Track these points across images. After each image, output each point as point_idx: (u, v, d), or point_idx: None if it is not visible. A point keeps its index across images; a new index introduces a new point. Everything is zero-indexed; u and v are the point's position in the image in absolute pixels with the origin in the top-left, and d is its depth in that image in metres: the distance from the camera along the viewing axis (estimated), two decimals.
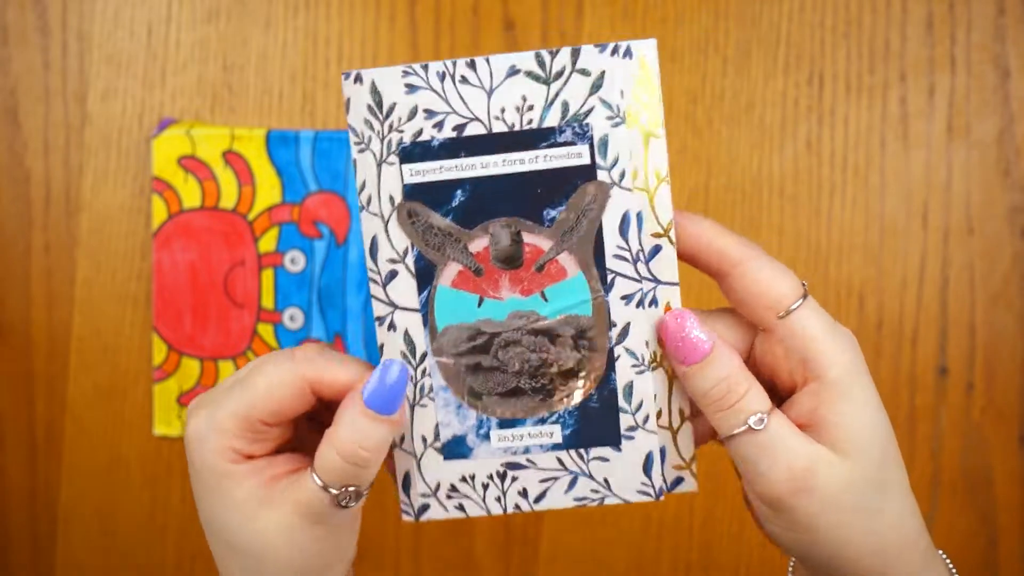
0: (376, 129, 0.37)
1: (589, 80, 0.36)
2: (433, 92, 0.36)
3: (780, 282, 0.37)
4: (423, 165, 0.36)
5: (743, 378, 0.36)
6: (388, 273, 0.37)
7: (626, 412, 0.37)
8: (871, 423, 0.36)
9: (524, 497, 0.38)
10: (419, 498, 0.38)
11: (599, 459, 0.38)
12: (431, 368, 0.38)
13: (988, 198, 0.67)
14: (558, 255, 0.37)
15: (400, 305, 0.38)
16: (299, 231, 0.72)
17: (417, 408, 0.38)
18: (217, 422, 0.37)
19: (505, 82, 0.36)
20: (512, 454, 0.38)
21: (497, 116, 0.36)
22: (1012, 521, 0.68)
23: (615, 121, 0.36)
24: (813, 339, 0.36)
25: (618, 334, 0.37)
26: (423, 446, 0.38)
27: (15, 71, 0.75)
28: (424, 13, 0.72)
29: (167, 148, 0.72)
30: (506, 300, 0.37)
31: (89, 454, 0.76)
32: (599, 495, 0.38)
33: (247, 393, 0.36)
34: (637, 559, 0.71)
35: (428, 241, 0.37)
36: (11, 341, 0.76)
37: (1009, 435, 0.68)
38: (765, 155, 0.69)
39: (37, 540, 0.77)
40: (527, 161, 0.36)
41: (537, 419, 0.37)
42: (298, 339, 0.72)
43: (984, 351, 0.68)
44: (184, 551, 0.75)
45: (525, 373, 0.37)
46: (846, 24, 0.68)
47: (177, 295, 0.73)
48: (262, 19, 0.73)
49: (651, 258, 0.37)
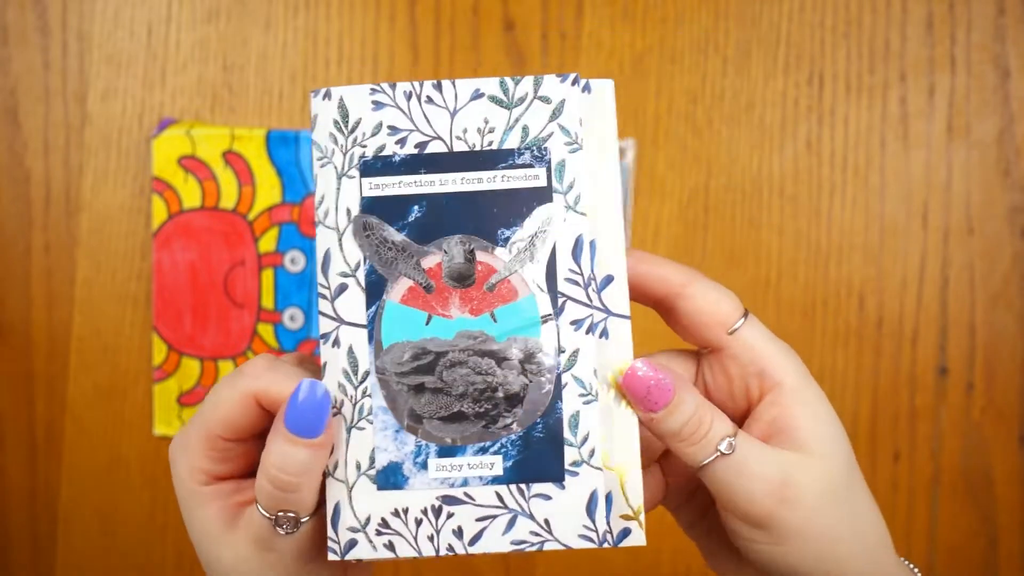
0: (340, 143, 0.37)
1: (550, 107, 0.37)
2: (398, 110, 0.37)
3: (723, 300, 0.38)
4: (383, 179, 0.37)
5: (707, 408, 0.36)
6: (338, 287, 0.37)
7: (571, 445, 0.36)
8: (831, 423, 0.37)
9: (459, 537, 0.36)
10: (347, 532, 0.36)
11: (541, 496, 0.36)
12: (372, 388, 0.37)
13: (988, 198, 0.67)
14: (510, 275, 0.37)
15: (347, 320, 0.37)
16: (299, 231, 0.72)
17: (354, 431, 0.37)
18: (184, 443, 0.37)
19: (469, 104, 0.37)
20: (449, 486, 0.36)
21: (459, 136, 0.37)
22: (1012, 521, 0.68)
23: (573, 147, 0.37)
24: (764, 350, 0.37)
25: (567, 360, 0.36)
26: (356, 473, 0.36)
27: (15, 71, 0.75)
28: (424, 13, 0.72)
29: (167, 148, 0.72)
30: (455, 319, 0.37)
31: (89, 454, 0.76)
32: (539, 539, 0.37)
33: (205, 412, 0.37)
34: (637, 561, 0.71)
35: (381, 255, 0.37)
36: (11, 341, 0.76)
37: (1009, 435, 0.68)
38: (765, 155, 0.69)
39: (37, 540, 0.77)
40: (485, 180, 0.37)
41: (478, 448, 0.36)
42: (298, 339, 0.72)
43: (984, 351, 0.68)
44: (184, 551, 0.75)
45: (469, 396, 0.36)
46: (846, 24, 0.68)
47: (177, 295, 0.73)
48: (262, 19, 0.73)
49: (603, 287, 0.37)
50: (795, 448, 0.36)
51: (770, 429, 0.37)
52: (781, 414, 0.37)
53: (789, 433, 0.37)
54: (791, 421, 0.37)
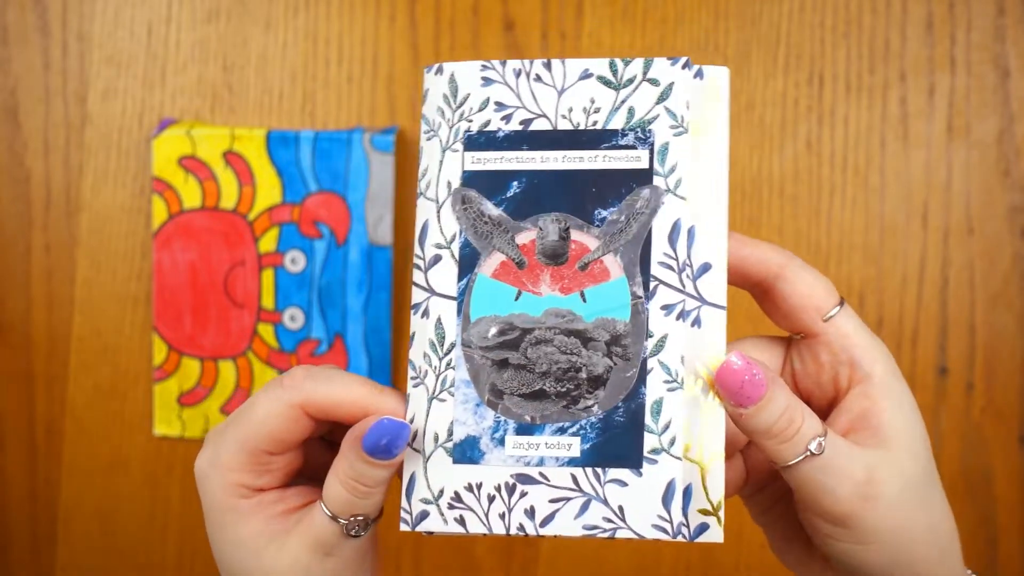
0: (447, 117, 0.37)
1: (657, 89, 0.36)
2: (507, 87, 0.37)
3: (820, 286, 0.37)
4: (485, 154, 0.37)
5: (798, 405, 0.35)
6: (432, 258, 0.37)
7: (652, 432, 0.35)
8: (916, 421, 0.37)
9: (530, 518, 0.36)
10: (419, 504, 0.36)
11: (616, 482, 0.35)
12: (457, 360, 0.36)
13: (988, 198, 0.67)
14: (603, 256, 0.36)
15: (438, 291, 0.37)
16: (299, 231, 0.72)
17: (435, 402, 0.36)
18: (220, 459, 0.36)
19: (577, 83, 0.37)
20: (525, 464, 0.36)
21: (564, 115, 0.37)
22: (1012, 521, 0.68)
23: (678, 131, 0.36)
24: (857, 340, 0.37)
25: (654, 345, 0.36)
26: (434, 444, 0.36)
27: (15, 71, 0.75)
28: (424, 13, 0.72)
29: (167, 148, 0.72)
30: (544, 296, 0.36)
31: (89, 454, 0.76)
32: (612, 526, 0.36)
33: (243, 427, 0.36)
34: (638, 560, 0.71)
35: (477, 228, 0.37)
36: (11, 341, 0.76)
37: (1009, 435, 0.68)
38: (765, 155, 0.69)
39: (37, 540, 0.77)
40: (586, 159, 0.36)
41: (557, 427, 0.36)
42: (298, 339, 0.72)
43: (984, 351, 0.68)
44: (184, 551, 0.75)
45: (552, 375, 0.36)
46: (846, 24, 0.68)
47: (177, 295, 0.73)
48: (262, 19, 0.73)
49: (699, 275, 0.36)
50: (879, 444, 0.36)
51: (857, 422, 0.37)
52: (871, 408, 0.36)
53: (876, 428, 0.36)
54: (879, 416, 0.36)
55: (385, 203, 0.70)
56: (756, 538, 0.70)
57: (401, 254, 0.72)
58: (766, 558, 0.70)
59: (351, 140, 0.71)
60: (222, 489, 0.36)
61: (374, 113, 0.72)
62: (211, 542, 0.38)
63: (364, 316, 0.71)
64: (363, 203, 0.71)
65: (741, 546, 0.70)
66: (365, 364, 0.72)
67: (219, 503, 0.36)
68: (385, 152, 0.70)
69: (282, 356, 0.72)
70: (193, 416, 0.74)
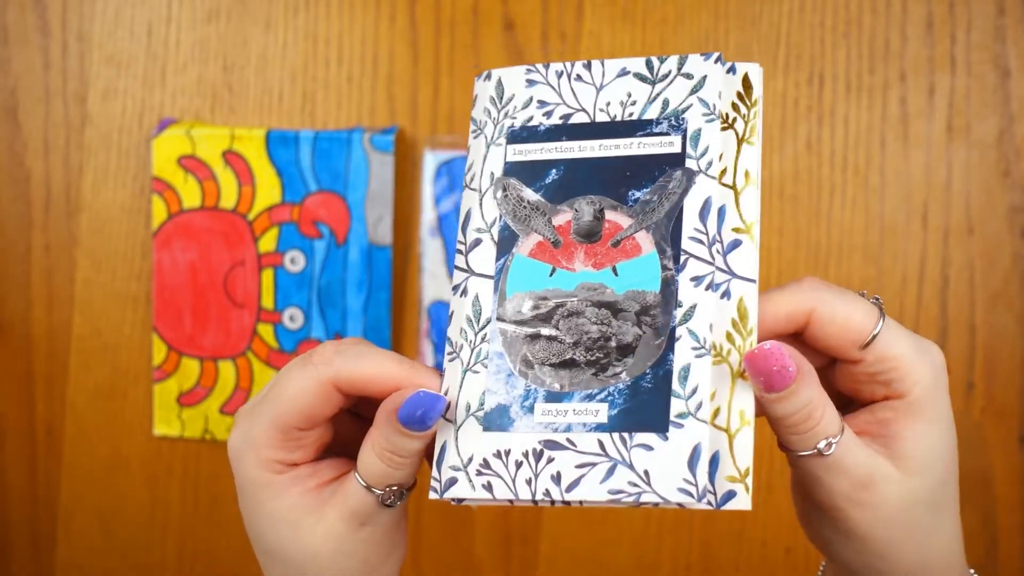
0: (493, 116, 0.40)
1: (691, 82, 0.38)
2: (549, 86, 0.40)
3: (855, 313, 0.37)
4: (527, 146, 0.39)
5: (821, 403, 0.35)
6: (473, 241, 0.39)
7: (679, 397, 0.36)
8: (939, 442, 0.36)
9: (556, 483, 0.36)
10: (448, 471, 0.37)
11: (642, 446, 0.36)
12: (492, 334, 0.38)
13: (988, 198, 0.67)
14: (636, 232, 0.37)
15: (477, 271, 0.39)
16: (299, 231, 0.72)
17: (469, 374, 0.38)
18: (252, 436, 0.37)
19: (615, 81, 0.39)
20: (553, 431, 0.36)
21: (602, 108, 0.39)
22: (1012, 521, 0.68)
23: (710, 117, 0.38)
24: (898, 360, 0.36)
25: (683, 314, 0.36)
26: (465, 414, 0.37)
27: (15, 71, 0.75)
28: (424, 13, 0.72)
29: (167, 148, 0.72)
30: (578, 271, 0.38)
31: (89, 454, 0.76)
32: (636, 490, 0.35)
33: (275, 404, 0.37)
34: (637, 559, 0.71)
35: (516, 213, 0.39)
36: (11, 341, 0.76)
37: (1009, 435, 0.68)
38: (765, 155, 0.69)
39: (37, 540, 0.77)
40: (622, 147, 0.38)
41: (585, 394, 0.37)
42: (298, 339, 0.72)
43: (984, 351, 0.68)
44: (184, 551, 0.75)
45: (582, 345, 0.37)
46: (846, 24, 0.68)
47: (177, 295, 0.73)
48: (262, 19, 0.73)
49: (730, 251, 0.37)
50: (891, 456, 0.36)
51: (877, 428, 0.37)
52: (893, 420, 0.36)
53: (892, 440, 0.36)
54: (900, 431, 0.36)
55: (385, 203, 0.70)
56: (756, 537, 0.70)
57: (400, 254, 0.72)
58: (766, 557, 0.70)
59: (351, 140, 0.71)
60: (257, 465, 0.37)
61: (374, 113, 0.72)
62: (246, 519, 0.38)
63: (364, 316, 0.71)
64: (363, 203, 0.71)
65: (741, 546, 0.70)
66: None
67: (254, 479, 0.37)
68: (385, 152, 0.70)
69: (282, 356, 0.72)
70: (193, 416, 0.74)
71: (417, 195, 0.71)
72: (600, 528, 0.71)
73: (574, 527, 0.72)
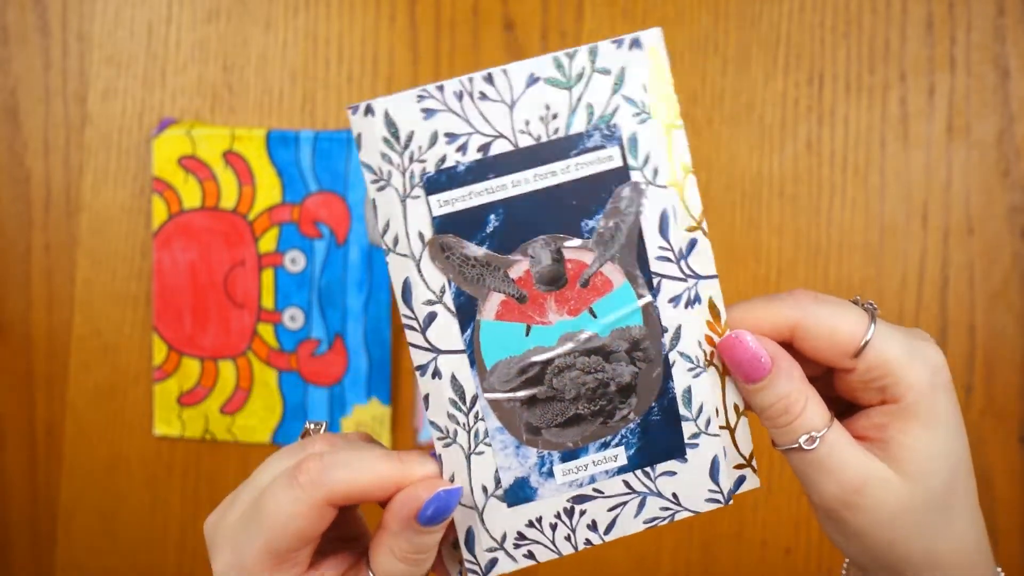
0: (395, 163, 0.34)
1: (610, 79, 0.35)
2: (452, 113, 0.34)
3: (843, 321, 0.36)
4: (451, 194, 0.34)
5: (801, 395, 0.35)
6: (426, 316, 0.35)
7: (688, 420, 0.36)
8: (941, 446, 0.35)
9: (594, 530, 0.36)
10: (485, 554, 0.36)
11: (666, 474, 0.36)
12: (484, 410, 0.36)
13: (988, 198, 0.67)
14: (602, 267, 0.35)
15: (443, 349, 0.35)
16: (299, 231, 0.72)
17: (474, 457, 0.36)
18: (244, 564, 0.35)
19: (526, 92, 0.34)
20: (578, 487, 0.36)
21: (522, 130, 0.34)
22: (1012, 521, 0.68)
23: (642, 117, 0.35)
24: (891, 364, 0.35)
25: (671, 339, 0.36)
26: (484, 497, 0.36)
27: (15, 71, 0.75)
28: (424, 13, 0.72)
29: (167, 148, 0.72)
30: (555, 324, 0.35)
31: (89, 454, 0.76)
32: (669, 512, 0.37)
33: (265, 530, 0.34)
34: (637, 559, 0.71)
35: (465, 274, 0.35)
36: (11, 341, 0.76)
37: (1009, 435, 0.68)
38: (765, 155, 0.69)
39: (37, 540, 0.77)
40: (559, 172, 0.35)
41: (600, 444, 0.36)
42: (298, 339, 0.72)
43: (984, 351, 0.68)
44: (184, 551, 0.75)
45: (583, 398, 0.36)
46: (846, 24, 0.68)
47: (177, 295, 0.73)
48: (262, 19, 0.73)
49: (688, 254, 0.36)
50: (889, 460, 0.35)
51: (874, 433, 0.36)
52: (889, 424, 0.36)
53: (889, 444, 0.36)
54: (895, 435, 0.36)
55: None
56: (756, 537, 0.70)
57: None
58: (766, 557, 0.70)
59: (351, 140, 0.71)
60: None
61: None
62: None
63: (364, 316, 0.71)
64: (363, 203, 0.71)
65: (741, 546, 0.70)
66: (365, 364, 0.72)
67: None
68: None
69: (282, 356, 0.72)
70: (193, 416, 0.74)
71: None
72: None
73: None
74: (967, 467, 0.36)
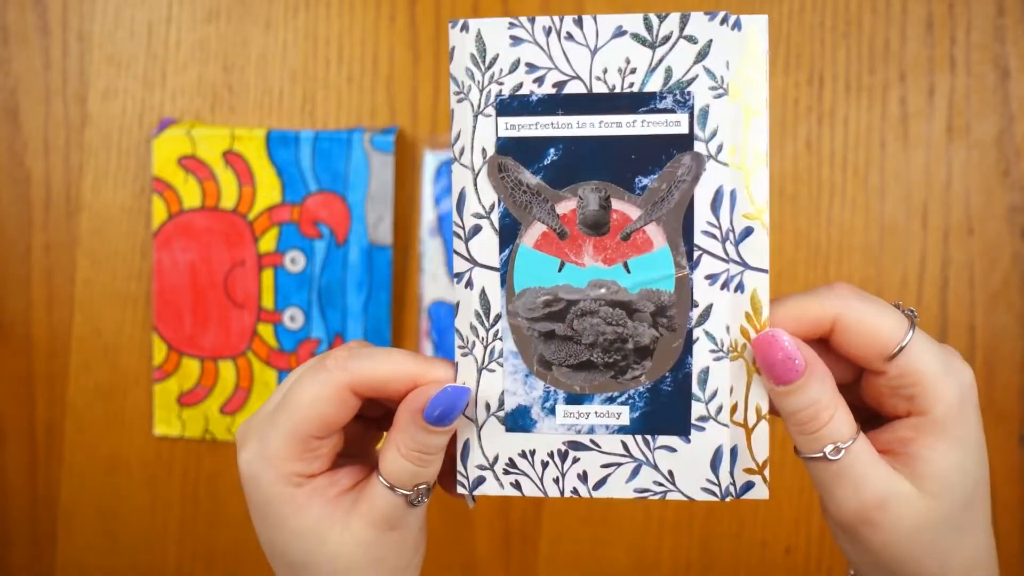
0: (477, 80, 0.36)
1: (695, 48, 0.35)
2: (537, 46, 0.36)
3: (884, 321, 0.35)
4: (519, 119, 0.36)
5: (830, 403, 0.35)
6: (472, 228, 0.37)
7: (699, 400, 0.36)
8: (964, 463, 0.35)
9: (583, 482, 0.37)
10: (475, 470, 0.37)
11: (665, 448, 0.36)
12: (503, 331, 0.37)
13: (988, 198, 0.67)
14: (645, 225, 0.36)
15: (480, 262, 0.37)
16: (299, 231, 0.72)
17: (484, 372, 0.37)
18: (270, 452, 0.36)
19: (610, 42, 0.35)
20: (576, 432, 0.37)
21: (598, 76, 0.36)
22: (1012, 521, 0.68)
23: (718, 92, 0.35)
24: (923, 375, 0.35)
25: (699, 315, 0.36)
26: (486, 414, 0.37)
27: (15, 71, 0.75)
28: (424, 13, 0.72)
29: (167, 148, 0.72)
30: (588, 267, 0.36)
31: (89, 454, 0.76)
32: (662, 488, 0.37)
33: (292, 414, 0.36)
34: (637, 559, 0.71)
35: (516, 198, 0.36)
36: (11, 341, 0.76)
37: (1009, 435, 0.68)
38: None
39: (37, 540, 0.77)
40: (624, 125, 0.35)
41: (606, 397, 0.36)
42: (298, 339, 0.72)
43: (984, 351, 0.68)
44: (184, 551, 0.75)
45: (599, 346, 0.36)
46: (846, 24, 0.68)
47: (177, 295, 0.73)
48: (262, 19, 0.73)
49: (741, 240, 0.36)
50: (911, 476, 0.35)
51: (898, 447, 0.36)
52: (914, 439, 0.35)
53: (912, 460, 0.35)
54: (919, 450, 0.35)
55: (385, 203, 0.70)
56: (756, 537, 0.70)
57: (401, 253, 0.72)
58: (766, 557, 0.70)
59: (351, 140, 0.71)
60: (276, 481, 0.36)
61: (374, 113, 0.72)
62: (266, 536, 0.37)
63: (364, 316, 0.71)
64: (363, 203, 0.71)
65: (741, 546, 0.70)
66: None
67: (276, 496, 0.36)
68: (385, 152, 0.70)
69: (282, 356, 0.72)
70: (193, 416, 0.74)
71: (417, 195, 0.71)
72: (600, 528, 0.71)
73: (574, 527, 0.72)
74: (985, 487, 0.36)
